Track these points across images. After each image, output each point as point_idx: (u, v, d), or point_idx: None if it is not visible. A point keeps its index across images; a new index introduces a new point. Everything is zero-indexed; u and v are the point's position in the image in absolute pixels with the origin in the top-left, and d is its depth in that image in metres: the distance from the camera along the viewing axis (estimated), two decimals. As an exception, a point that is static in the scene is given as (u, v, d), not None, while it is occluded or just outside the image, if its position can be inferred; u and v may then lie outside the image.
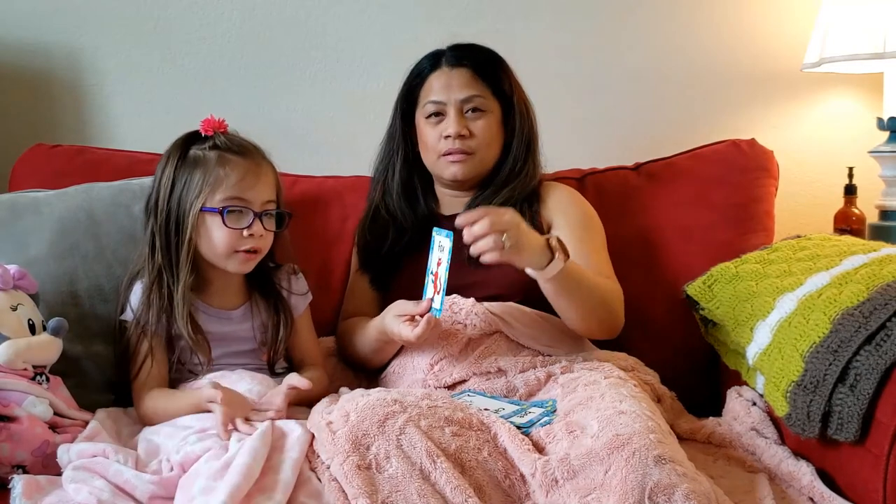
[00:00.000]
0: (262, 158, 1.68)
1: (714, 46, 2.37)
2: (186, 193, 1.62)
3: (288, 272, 1.77)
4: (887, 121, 2.19)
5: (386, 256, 1.87)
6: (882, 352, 1.40)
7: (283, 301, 1.74)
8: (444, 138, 1.81)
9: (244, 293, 1.73)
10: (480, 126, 1.82)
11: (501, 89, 1.84)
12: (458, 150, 1.81)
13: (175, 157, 1.66)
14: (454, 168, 1.82)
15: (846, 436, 1.41)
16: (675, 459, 1.29)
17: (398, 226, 1.88)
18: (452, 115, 1.81)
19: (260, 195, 1.64)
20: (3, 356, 1.50)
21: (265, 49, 2.32)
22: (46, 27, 2.27)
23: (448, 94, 1.81)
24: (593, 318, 1.71)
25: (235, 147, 1.65)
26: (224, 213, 1.61)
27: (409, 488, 1.29)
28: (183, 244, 1.62)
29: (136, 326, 1.64)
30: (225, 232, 1.62)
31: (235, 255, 1.64)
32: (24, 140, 2.12)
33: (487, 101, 1.82)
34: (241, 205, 1.62)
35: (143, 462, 1.44)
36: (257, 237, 1.63)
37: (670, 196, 2.05)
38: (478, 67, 1.83)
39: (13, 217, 1.78)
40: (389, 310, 1.68)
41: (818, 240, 1.80)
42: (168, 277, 1.64)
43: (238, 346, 1.70)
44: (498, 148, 1.86)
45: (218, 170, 1.62)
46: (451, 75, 1.82)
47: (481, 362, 1.67)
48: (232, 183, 1.61)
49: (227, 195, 1.61)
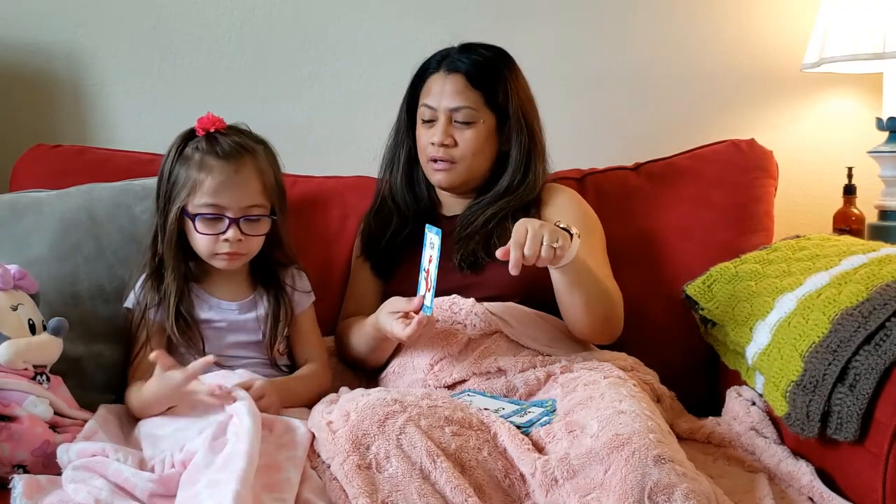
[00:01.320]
0: (246, 162, 1.66)
1: (714, 46, 2.37)
2: (176, 193, 1.65)
3: (293, 270, 1.78)
4: (887, 121, 2.19)
5: (388, 244, 1.88)
6: (881, 352, 1.40)
7: (286, 296, 1.75)
8: (431, 144, 1.82)
9: (250, 286, 1.75)
10: (466, 136, 1.81)
11: (496, 100, 1.83)
12: (442, 158, 1.81)
13: (174, 153, 1.68)
14: (438, 175, 1.84)
15: (845, 435, 1.41)
16: (675, 459, 1.29)
17: (401, 215, 1.89)
18: (440, 123, 1.81)
19: (237, 201, 1.64)
20: (3, 356, 1.50)
21: (265, 49, 2.32)
22: (46, 27, 2.27)
23: (439, 101, 1.81)
24: (599, 313, 1.70)
25: (219, 150, 1.65)
26: (195, 219, 1.64)
27: (409, 488, 1.29)
28: (171, 242, 1.66)
29: (136, 315, 1.68)
30: (200, 236, 1.65)
31: (216, 257, 1.66)
32: (24, 140, 2.12)
33: (478, 112, 1.81)
34: (216, 211, 1.64)
35: (145, 459, 1.44)
36: (234, 242, 1.64)
37: (670, 196, 2.05)
38: (472, 76, 1.81)
39: (14, 217, 1.78)
40: (384, 307, 1.68)
41: (817, 240, 1.80)
42: (162, 270, 1.68)
43: (243, 336, 1.71)
44: (488, 157, 1.85)
45: (198, 174, 1.64)
46: (445, 81, 1.82)
47: (481, 362, 1.67)
48: (207, 188, 1.63)
49: (203, 201, 1.63)
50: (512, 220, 1.78)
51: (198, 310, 1.69)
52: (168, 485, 1.36)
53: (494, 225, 1.79)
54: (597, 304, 1.69)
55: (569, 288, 1.65)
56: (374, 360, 1.80)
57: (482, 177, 1.86)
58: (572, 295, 1.66)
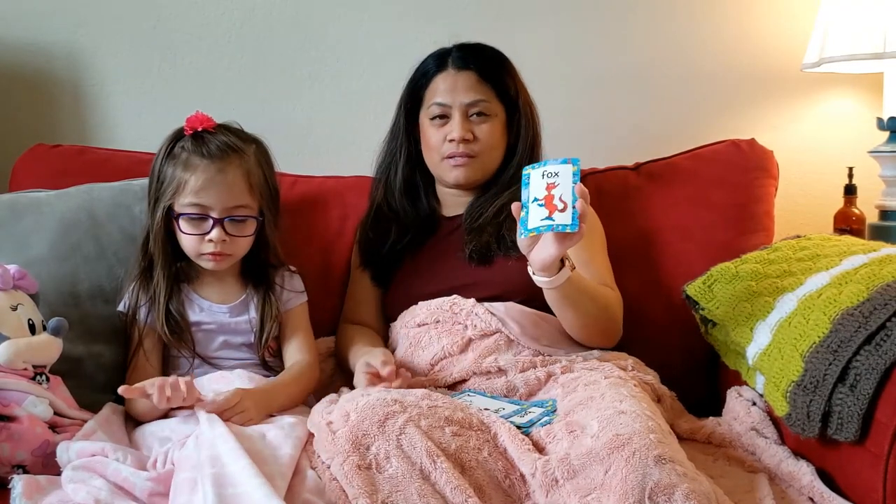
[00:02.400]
0: (232, 162, 1.66)
1: (714, 46, 2.37)
2: (163, 190, 1.66)
3: (285, 272, 1.78)
4: (887, 121, 2.19)
5: (387, 254, 1.87)
6: (882, 352, 1.40)
7: (275, 297, 1.75)
8: (448, 141, 1.81)
9: (240, 287, 1.75)
10: (485, 130, 1.82)
11: (506, 92, 1.84)
12: (462, 154, 1.81)
13: (164, 152, 1.69)
14: (457, 172, 1.83)
15: (846, 436, 1.41)
16: (675, 459, 1.29)
17: (400, 224, 1.88)
18: (457, 118, 1.81)
19: (221, 201, 1.64)
20: (3, 356, 1.50)
21: (265, 49, 2.32)
22: (46, 27, 2.27)
23: (453, 97, 1.81)
24: (595, 327, 1.72)
25: (204, 150, 1.65)
26: (178, 219, 1.64)
27: (409, 488, 1.29)
28: (158, 242, 1.67)
29: (128, 318, 1.69)
30: (185, 236, 1.65)
31: (202, 257, 1.67)
32: (24, 140, 2.12)
33: (492, 105, 1.83)
34: (200, 211, 1.64)
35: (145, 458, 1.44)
36: (218, 242, 1.65)
37: (670, 196, 2.05)
38: (483, 70, 1.83)
39: (14, 217, 1.78)
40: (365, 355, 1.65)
41: (818, 240, 1.80)
42: (152, 270, 1.69)
43: (234, 338, 1.71)
44: (501, 151, 1.86)
45: (183, 173, 1.64)
46: (456, 78, 1.82)
47: (481, 362, 1.67)
48: (192, 188, 1.63)
49: (188, 200, 1.64)
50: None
51: (188, 311, 1.69)
52: (166, 482, 1.36)
53: (504, 217, 1.77)
54: (591, 320, 1.70)
55: (558, 304, 1.66)
56: None
57: (491, 173, 1.86)
58: (565, 310, 1.68)
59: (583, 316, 1.69)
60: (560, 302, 1.65)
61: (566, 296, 1.63)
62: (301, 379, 1.69)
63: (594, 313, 1.70)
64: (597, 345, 1.77)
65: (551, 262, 1.53)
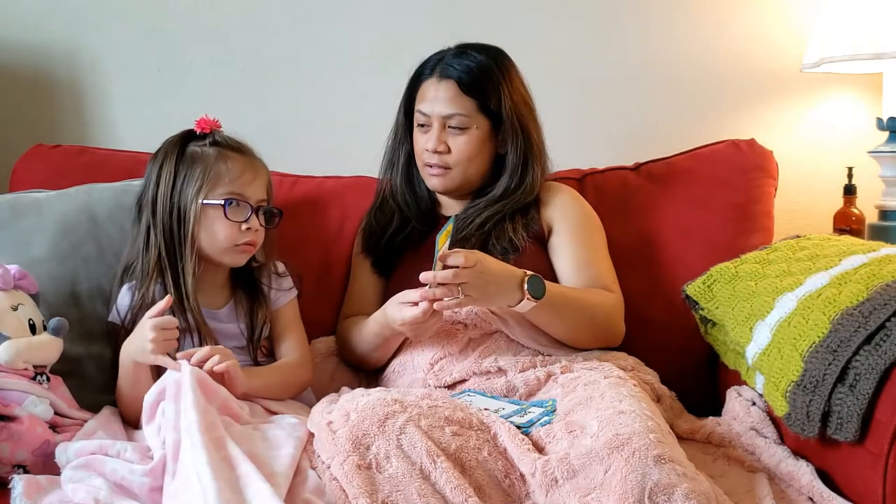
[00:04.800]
0: (256, 157, 1.74)
1: (714, 46, 2.37)
2: (187, 188, 1.66)
3: (270, 270, 1.78)
4: (887, 121, 2.19)
5: (388, 242, 1.88)
6: (881, 352, 1.40)
7: (264, 298, 1.76)
8: (426, 150, 1.82)
9: (229, 291, 1.76)
10: (460, 142, 1.81)
11: (489, 105, 1.81)
12: (436, 165, 1.82)
13: (174, 154, 1.68)
14: (434, 181, 1.85)
15: (845, 435, 1.41)
16: (675, 459, 1.29)
17: (403, 214, 1.90)
18: (434, 129, 1.81)
19: (256, 192, 1.70)
20: (3, 356, 1.50)
21: (265, 49, 2.32)
22: (46, 27, 2.28)
23: (433, 108, 1.81)
24: (582, 335, 1.75)
25: (234, 144, 1.71)
26: (226, 205, 1.65)
27: (410, 488, 1.29)
28: (186, 238, 1.65)
29: (123, 332, 1.64)
30: (226, 225, 1.66)
31: (233, 249, 1.67)
32: (24, 140, 2.12)
33: (471, 118, 1.80)
34: (241, 199, 1.67)
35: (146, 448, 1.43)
36: (254, 231, 1.68)
37: (670, 196, 2.05)
38: (464, 83, 1.79)
39: (14, 217, 1.78)
40: (391, 301, 1.68)
41: (818, 240, 1.80)
42: (170, 273, 1.65)
43: (228, 341, 1.70)
44: (484, 161, 1.84)
45: (219, 165, 1.66)
46: (438, 88, 1.81)
47: (481, 362, 1.67)
48: (232, 178, 1.66)
49: (228, 190, 1.66)
50: (510, 221, 1.79)
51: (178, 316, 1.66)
52: (159, 474, 1.35)
53: (491, 227, 1.79)
54: (575, 329, 1.73)
55: (534, 322, 1.71)
56: (376, 359, 1.80)
57: (479, 180, 1.86)
58: (542, 326, 1.72)
59: (566, 328, 1.72)
60: (535, 320, 1.70)
61: (539, 316, 1.69)
62: (289, 370, 1.70)
63: (578, 324, 1.72)
64: (594, 348, 1.77)
65: (498, 310, 1.67)
